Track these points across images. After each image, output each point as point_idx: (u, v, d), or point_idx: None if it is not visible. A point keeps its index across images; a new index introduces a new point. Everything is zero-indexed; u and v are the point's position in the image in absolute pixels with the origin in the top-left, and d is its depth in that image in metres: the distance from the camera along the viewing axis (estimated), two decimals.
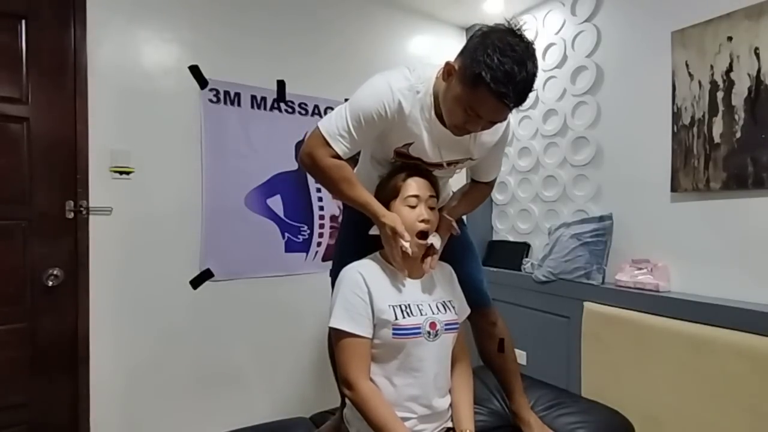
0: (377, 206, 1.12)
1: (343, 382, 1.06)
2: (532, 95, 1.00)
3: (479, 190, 1.38)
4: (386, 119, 1.08)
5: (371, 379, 1.07)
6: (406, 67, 1.13)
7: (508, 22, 0.99)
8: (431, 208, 1.15)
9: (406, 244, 1.06)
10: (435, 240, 1.14)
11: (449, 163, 1.21)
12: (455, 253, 1.33)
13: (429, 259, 1.14)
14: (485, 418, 1.44)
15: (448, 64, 1.03)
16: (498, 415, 1.48)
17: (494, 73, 0.92)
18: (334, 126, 1.09)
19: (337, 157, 1.10)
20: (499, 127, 1.19)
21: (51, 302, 1.59)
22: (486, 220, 2.62)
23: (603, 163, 2.05)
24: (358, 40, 2.28)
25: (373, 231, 1.17)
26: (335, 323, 1.06)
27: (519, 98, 0.96)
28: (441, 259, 1.28)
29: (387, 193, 1.15)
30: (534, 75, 0.96)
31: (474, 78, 0.95)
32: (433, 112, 1.10)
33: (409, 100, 1.08)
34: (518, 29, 0.97)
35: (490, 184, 1.39)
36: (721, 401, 1.49)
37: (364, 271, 1.11)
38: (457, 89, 1.00)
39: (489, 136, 1.19)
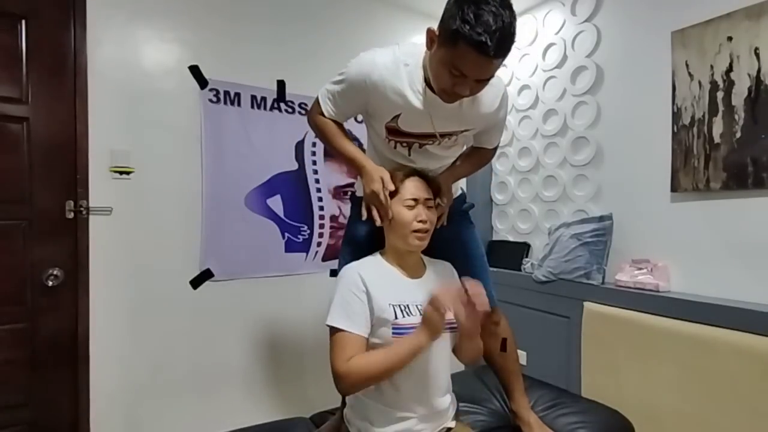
0: (363, 159, 1.18)
1: (334, 376, 1.04)
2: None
3: (481, 154, 1.40)
4: (365, 89, 1.14)
5: None
6: (397, 44, 1.20)
7: None
8: (429, 209, 1.15)
9: (384, 193, 1.10)
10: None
11: (443, 135, 1.21)
12: (461, 250, 1.34)
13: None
14: (485, 418, 1.44)
15: (429, 30, 1.04)
16: (498, 415, 1.48)
17: (470, 25, 0.93)
18: (325, 90, 1.24)
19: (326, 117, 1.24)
20: (495, 99, 1.20)
21: (51, 302, 1.59)
22: (486, 220, 2.62)
23: (603, 163, 2.05)
24: (359, 39, 2.27)
25: (359, 192, 1.21)
26: (331, 321, 1.06)
27: (499, 47, 0.95)
28: (447, 256, 1.28)
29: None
30: (511, 24, 0.96)
31: (452, 35, 0.96)
32: (424, 83, 1.13)
33: (391, 71, 1.12)
34: None
35: (493, 150, 1.40)
36: (721, 401, 1.49)
37: (364, 271, 1.11)
38: (440, 52, 1.01)
39: (485, 107, 1.20)
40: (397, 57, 1.13)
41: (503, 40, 0.95)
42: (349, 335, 1.05)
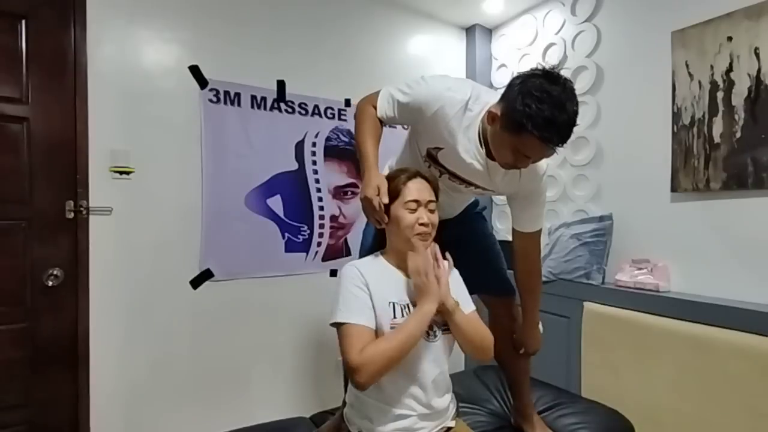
0: (372, 164, 1.17)
1: (348, 370, 1.01)
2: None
3: (531, 260, 1.34)
4: (423, 114, 1.17)
5: None
6: (474, 85, 1.19)
7: (544, 67, 1.03)
8: (431, 211, 1.15)
9: (377, 200, 1.11)
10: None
11: (474, 185, 1.26)
12: (478, 244, 1.37)
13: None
14: (485, 419, 1.44)
15: (490, 112, 1.08)
16: (498, 415, 1.48)
17: (535, 120, 0.96)
18: (389, 92, 1.24)
19: (374, 111, 1.24)
20: (533, 176, 1.22)
21: (51, 302, 1.59)
22: (486, 220, 2.62)
23: (603, 163, 2.05)
24: (358, 39, 2.28)
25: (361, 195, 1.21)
26: (336, 318, 1.05)
27: (562, 139, 1.00)
28: (466, 249, 1.29)
29: (388, 194, 1.15)
30: (574, 114, 1.00)
31: (517, 126, 1.00)
32: (478, 136, 1.15)
33: (454, 110, 1.14)
34: (554, 72, 1.01)
35: (537, 236, 1.32)
36: (721, 401, 1.49)
37: (363, 268, 1.12)
38: (504, 135, 1.05)
39: (521, 180, 1.22)
40: (466, 99, 1.14)
41: (567, 132, 0.99)
42: (357, 327, 1.03)
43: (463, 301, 1.23)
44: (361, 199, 1.16)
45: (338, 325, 1.06)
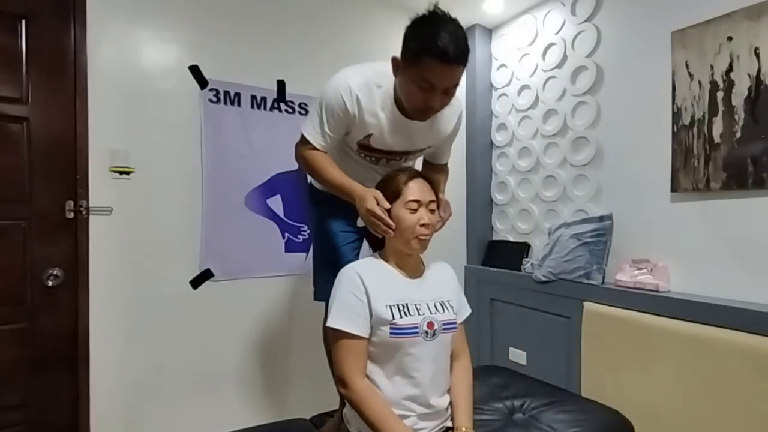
0: (353, 185, 1.20)
1: (339, 381, 1.07)
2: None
3: (440, 169, 1.51)
4: (349, 113, 1.23)
5: (369, 378, 1.08)
6: (368, 63, 1.28)
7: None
8: (432, 211, 1.15)
9: (379, 209, 1.12)
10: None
11: (412, 152, 1.36)
12: None
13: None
14: (485, 418, 1.44)
15: (393, 59, 1.17)
16: (498, 414, 1.47)
17: (425, 40, 1.07)
18: (309, 126, 1.28)
19: (316, 150, 1.28)
20: (453, 117, 1.36)
21: (51, 302, 1.59)
22: (486, 220, 2.62)
23: (603, 163, 2.05)
24: (359, 40, 2.28)
25: (360, 222, 1.21)
26: (333, 323, 1.07)
27: (457, 54, 1.08)
28: None
29: (388, 195, 1.15)
30: (464, 35, 1.10)
31: (416, 53, 1.09)
32: (395, 105, 1.23)
33: (365, 95, 1.22)
34: (433, 7, 1.13)
35: (446, 166, 1.54)
36: (721, 401, 1.49)
37: (362, 271, 1.11)
38: (407, 72, 1.13)
39: (445, 124, 1.35)
40: (369, 79, 1.23)
41: (458, 46, 1.08)
42: (353, 340, 1.06)
43: (458, 303, 1.23)
44: (362, 215, 1.16)
45: (333, 330, 1.07)
